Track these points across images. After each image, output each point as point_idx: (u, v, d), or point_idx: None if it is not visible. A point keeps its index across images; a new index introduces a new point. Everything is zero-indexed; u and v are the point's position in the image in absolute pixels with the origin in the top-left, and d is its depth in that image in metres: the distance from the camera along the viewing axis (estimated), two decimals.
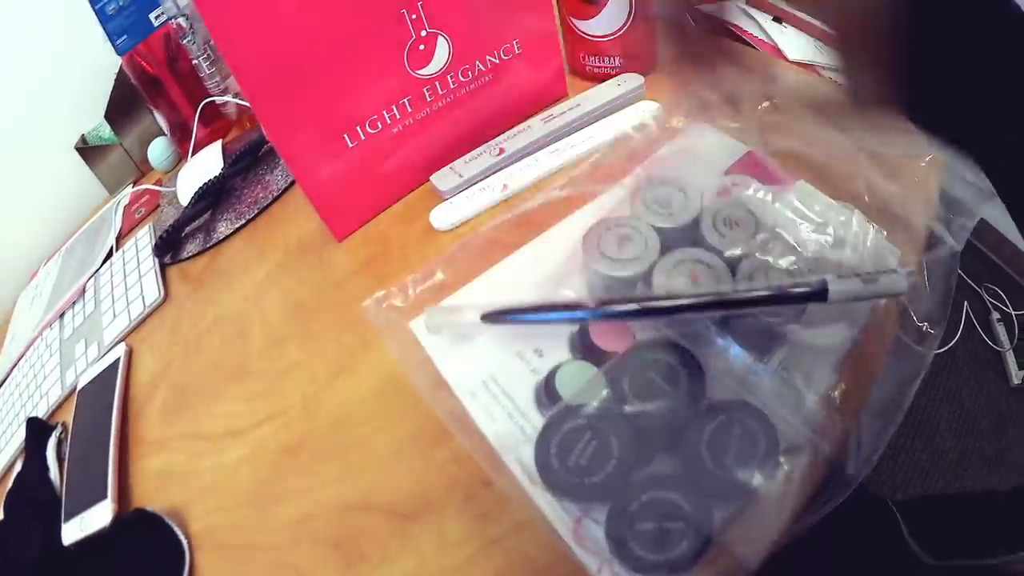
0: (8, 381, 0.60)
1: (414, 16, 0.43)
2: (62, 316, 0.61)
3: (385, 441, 0.37)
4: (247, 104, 0.45)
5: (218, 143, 0.65)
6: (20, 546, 0.42)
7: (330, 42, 0.41)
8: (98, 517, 0.39)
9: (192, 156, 0.67)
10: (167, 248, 0.57)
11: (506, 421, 0.34)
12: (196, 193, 0.57)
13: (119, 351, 0.51)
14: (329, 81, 0.43)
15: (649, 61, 0.54)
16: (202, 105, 0.66)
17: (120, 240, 0.66)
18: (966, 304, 1.09)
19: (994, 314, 1.10)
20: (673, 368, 0.31)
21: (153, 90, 0.67)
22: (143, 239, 0.62)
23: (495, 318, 0.36)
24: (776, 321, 0.33)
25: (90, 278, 0.62)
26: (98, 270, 0.63)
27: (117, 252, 0.64)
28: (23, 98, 0.71)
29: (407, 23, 0.43)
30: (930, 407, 0.96)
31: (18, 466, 0.48)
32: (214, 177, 0.58)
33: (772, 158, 0.43)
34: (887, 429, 0.31)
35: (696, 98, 0.46)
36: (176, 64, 0.67)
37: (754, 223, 0.37)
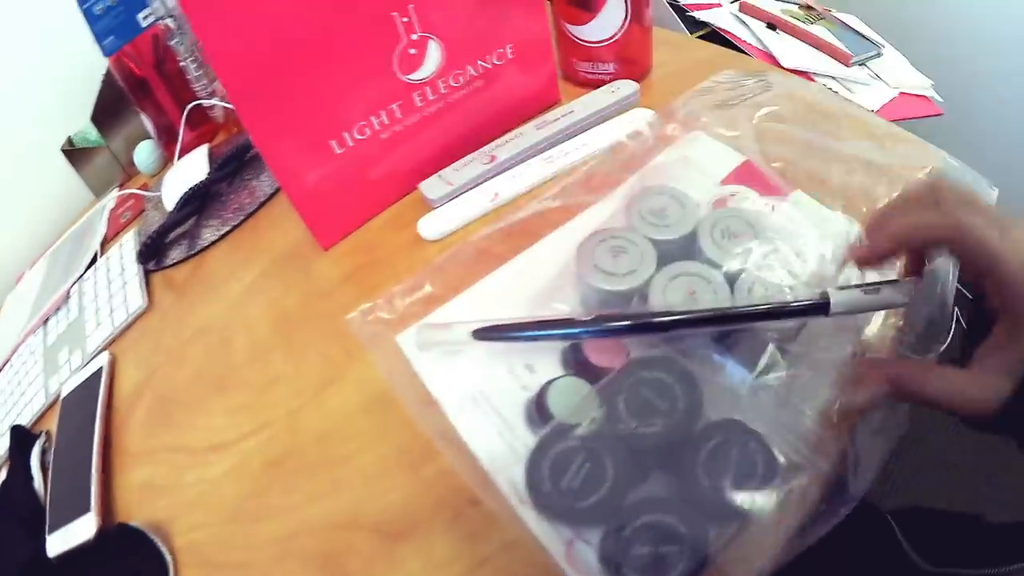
0: None
1: (405, 19, 0.43)
2: (46, 322, 0.60)
3: (371, 457, 0.36)
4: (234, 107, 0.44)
5: (204, 147, 0.64)
6: (6, 558, 0.41)
7: (317, 45, 0.40)
8: (82, 530, 0.38)
9: (178, 160, 0.65)
10: (151, 254, 0.56)
11: (495, 439, 0.33)
12: (181, 198, 0.56)
13: (102, 359, 0.50)
14: (316, 85, 0.42)
15: (644, 67, 0.53)
16: (189, 108, 0.65)
17: (105, 245, 0.65)
18: (955, 311, 1.08)
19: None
20: (669, 386, 0.30)
21: (140, 92, 0.66)
22: (128, 244, 0.60)
23: (486, 335, 0.35)
24: (775, 336, 0.32)
25: (74, 284, 0.61)
26: (82, 275, 0.61)
27: (102, 257, 0.62)
28: (9, 99, 0.70)
29: (398, 26, 0.43)
30: (922, 409, 0.96)
31: (1, 475, 0.47)
32: (199, 182, 0.57)
33: (769, 167, 0.42)
34: (886, 445, 0.31)
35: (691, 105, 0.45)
36: (164, 66, 0.66)
37: (752, 234, 0.36)
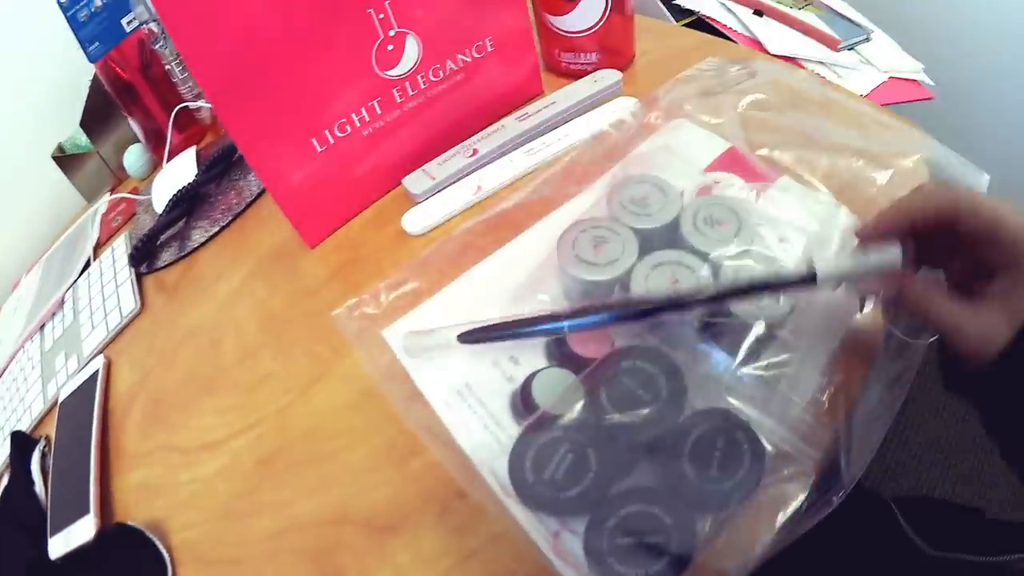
0: None
1: (381, 15, 0.42)
2: (42, 328, 0.60)
3: (360, 452, 0.37)
4: None
5: (192, 149, 0.64)
6: (9, 562, 0.42)
7: (294, 44, 0.40)
8: (82, 532, 0.39)
9: (167, 163, 0.66)
10: (142, 257, 0.56)
11: (481, 431, 0.33)
12: (170, 201, 0.56)
13: (98, 363, 0.51)
14: (294, 84, 0.42)
15: (626, 56, 0.53)
16: (176, 110, 0.65)
17: (98, 249, 0.65)
18: None
19: None
20: (653, 376, 0.30)
21: (127, 97, 0.66)
22: (119, 248, 0.61)
23: (471, 338, 0.35)
24: (763, 321, 0.32)
25: (68, 289, 0.61)
26: (76, 281, 0.62)
27: (95, 262, 0.63)
28: None
29: (374, 22, 0.42)
30: (920, 395, 0.96)
31: (3, 481, 0.48)
32: (188, 184, 0.57)
33: (754, 154, 0.42)
34: (878, 432, 0.31)
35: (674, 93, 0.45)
36: (150, 70, 0.66)
37: (737, 221, 0.36)
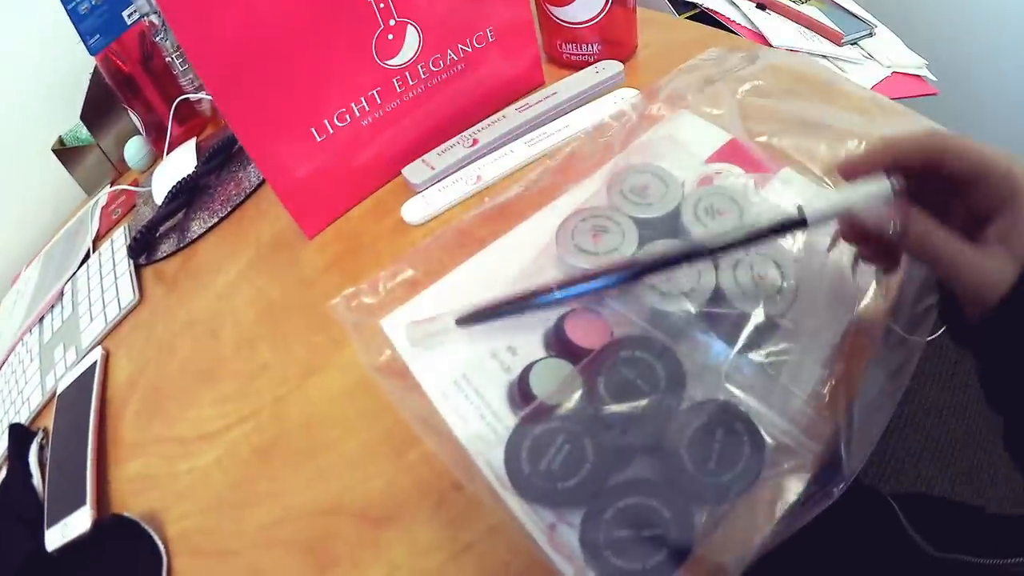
0: None
1: (382, 5, 0.42)
2: (41, 320, 0.60)
3: (355, 443, 0.36)
4: None
5: (192, 141, 0.64)
6: (6, 553, 0.42)
7: (293, 32, 0.40)
8: (78, 523, 0.39)
9: (167, 155, 0.65)
10: (141, 249, 0.56)
11: (478, 422, 0.33)
12: (169, 192, 0.56)
13: (96, 355, 0.51)
14: (294, 74, 0.42)
15: (628, 48, 0.52)
16: (176, 103, 0.65)
17: (98, 241, 0.65)
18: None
19: None
20: (652, 366, 0.30)
21: (128, 89, 0.66)
22: (119, 240, 0.61)
23: (468, 321, 0.34)
24: (759, 310, 0.31)
25: (67, 281, 0.61)
26: (75, 273, 0.62)
27: (94, 254, 0.63)
28: None
29: (375, 12, 0.42)
30: (921, 391, 0.95)
31: (2, 473, 0.48)
32: (187, 176, 0.57)
33: (756, 144, 0.41)
34: (879, 424, 0.30)
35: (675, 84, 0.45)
36: (150, 62, 0.66)
37: (738, 212, 0.35)
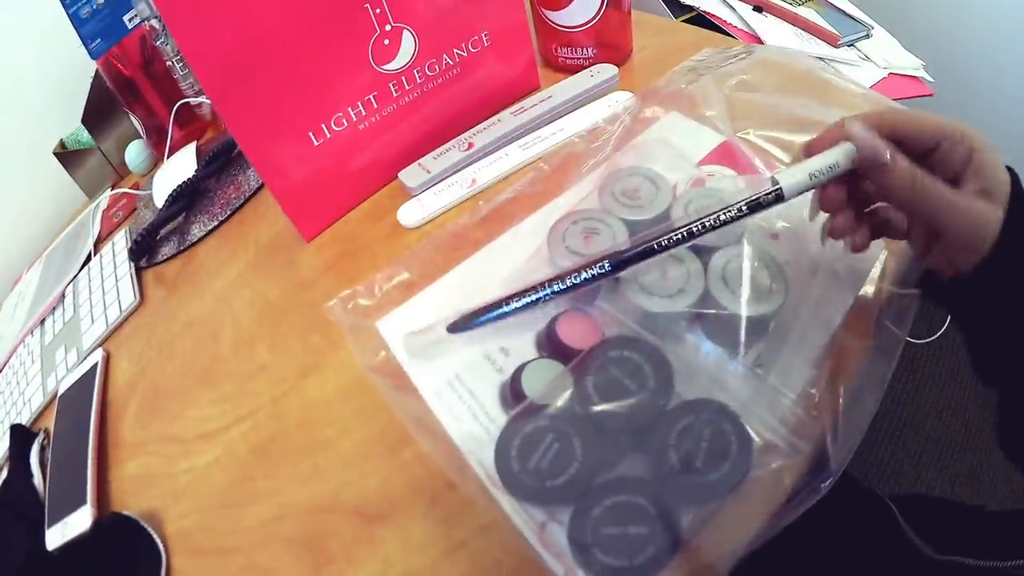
0: None
1: (378, 10, 0.43)
2: (43, 322, 0.61)
3: (351, 442, 0.37)
4: None
5: (192, 145, 0.65)
6: (7, 552, 0.42)
7: (291, 38, 0.41)
8: (79, 522, 0.39)
9: (168, 158, 0.66)
10: (142, 252, 0.57)
11: (470, 422, 0.33)
12: (170, 196, 0.57)
13: (97, 356, 0.51)
14: (292, 78, 0.42)
15: (623, 51, 0.53)
16: (177, 107, 0.66)
17: (99, 244, 0.66)
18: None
19: None
20: (641, 366, 0.30)
21: (129, 93, 0.67)
22: (120, 243, 0.61)
23: (459, 327, 0.35)
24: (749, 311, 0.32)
25: (69, 283, 0.62)
26: (77, 275, 0.62)
27: (95, 257, 0.63)
28: (0, 105, 0.71)
29: (371, 17, 0.43)
30: (919, 394, 0.95)
31: (3, 474, 0.48)
32: (187, 179, 0.57)
33: (747, 144, 0.42)
34: (865, 418, 0.30)
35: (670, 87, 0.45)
36: (151, 66, 0.66)
37: None
